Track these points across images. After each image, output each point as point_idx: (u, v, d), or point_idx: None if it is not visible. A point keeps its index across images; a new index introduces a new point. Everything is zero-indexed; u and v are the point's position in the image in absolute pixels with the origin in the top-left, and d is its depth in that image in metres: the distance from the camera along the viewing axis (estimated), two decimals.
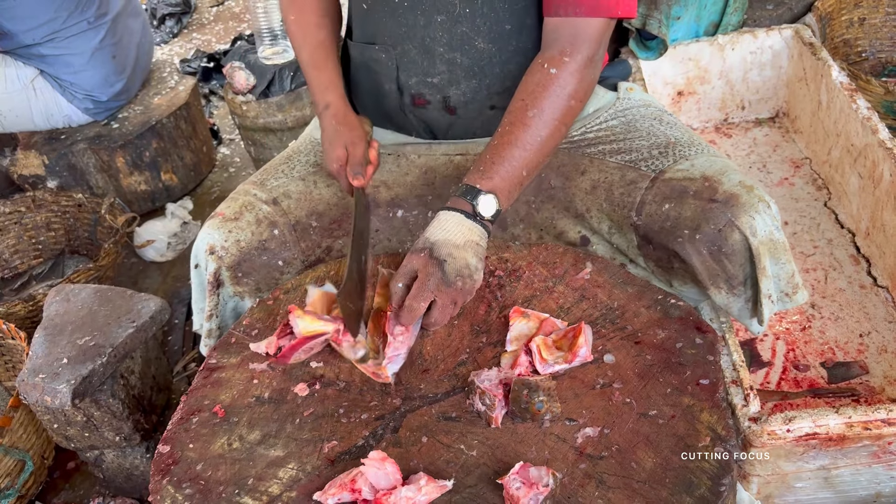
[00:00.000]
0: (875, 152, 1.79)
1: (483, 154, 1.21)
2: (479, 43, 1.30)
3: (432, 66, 1.34)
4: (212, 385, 1.10)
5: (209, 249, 1.31)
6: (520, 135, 1.19)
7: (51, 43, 2.42)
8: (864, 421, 1.19)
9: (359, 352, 1.08)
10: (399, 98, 1.40)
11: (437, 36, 1.31)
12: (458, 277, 1.11)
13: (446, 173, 1.40)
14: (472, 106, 1.37)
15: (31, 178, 2.57)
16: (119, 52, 2.55)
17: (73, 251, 2.52)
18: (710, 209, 1.18)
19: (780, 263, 1.20)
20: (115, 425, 1.59)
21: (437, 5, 1.28)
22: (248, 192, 1.38)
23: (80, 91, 2.51)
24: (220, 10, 4.33)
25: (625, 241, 1.30)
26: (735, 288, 1.21)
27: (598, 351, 1.05)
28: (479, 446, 0.95)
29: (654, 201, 1.24)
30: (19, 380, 1.50)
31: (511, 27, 1.29)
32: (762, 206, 1.17)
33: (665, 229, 1.22)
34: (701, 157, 1.28)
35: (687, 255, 1.20)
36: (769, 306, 1.20)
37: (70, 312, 1.64)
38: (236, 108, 2.50)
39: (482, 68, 1.33)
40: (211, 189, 2.85)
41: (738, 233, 1.16)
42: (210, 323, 1.34)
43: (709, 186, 1.20)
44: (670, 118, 1.40)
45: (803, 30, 2.25)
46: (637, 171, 1.29)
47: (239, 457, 0.98)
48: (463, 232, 1.14)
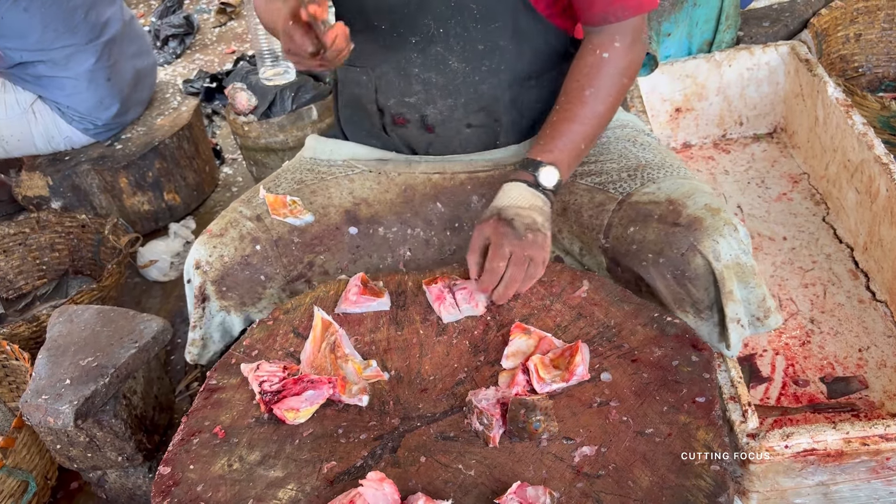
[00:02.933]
0: (871, 168, 1.80)
1: (543, 130, 1.28)
2: (453, 62, 1.34)
3: (409, 87, 1.37)
4: (212, 406, 1.11)
5: (195, 264, 1.35)
6: (577, 111, 1.26)
7: (43, 65, 2.44)
8: (862, 437, 1.19)
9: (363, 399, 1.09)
10: (381, 117, 1.44)
11: (412, 57, 1.34)
12: (527, 231, 1.16)
13: (425, 191, 1.43)
14: (449, 124, 1.40)
15: (36, 199, 2.59)
16: (114, 75, 2.56)
17: (77, 272, 2.54)
18: (672, 233, 1.19)
19: (749, 287, 1.20)
20: (117, 445, 1.60)
21: (412, 27, 1.31)
22: (235, 210, 1.41)
23: (76, 114, 2.54)
24: (222, 31, 4.37)
25: (595, 263, 1.31)
26: (702, 312, 1.21)
27: (594, 369, 1.06)
28: (477, 466, 0.95)
29: (621, 224, 1.26)
30: (22, 401, 1.51)
31: (483, 48, 1.32)
32: (728, 230, 1.17)
33: (630, 252, 1.23)
34: (668, 180, 1.29)
35: (651, 278, 1.20)
36: (738, 331, 1.21)
37: (73, 333, 1.66)
38: (238, 129, 2.52)
39: (457, 87, 1.36)
40: (214, 209, 2.87)
41: (700, 257, 1.16)
42: (194, 333, 1.37)
43: (672, 210, 1.21)
44: (646, 139, 1.42)
45: (799, 46, 2.26)
46: (605, 193, 1.31)
47: (239, 478, 0.99)
48: (527, 198, 1.21)
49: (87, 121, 2.56)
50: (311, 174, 1.48)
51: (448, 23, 1.30)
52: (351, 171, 1.47)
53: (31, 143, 2.57)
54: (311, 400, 1.05)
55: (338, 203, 1.43)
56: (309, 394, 1.05)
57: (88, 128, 2.58)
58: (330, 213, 1.42)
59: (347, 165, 1.48)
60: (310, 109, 2.48)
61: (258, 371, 1.10)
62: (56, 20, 2.39)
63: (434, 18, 1.29)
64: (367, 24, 1.35)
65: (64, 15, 2.40)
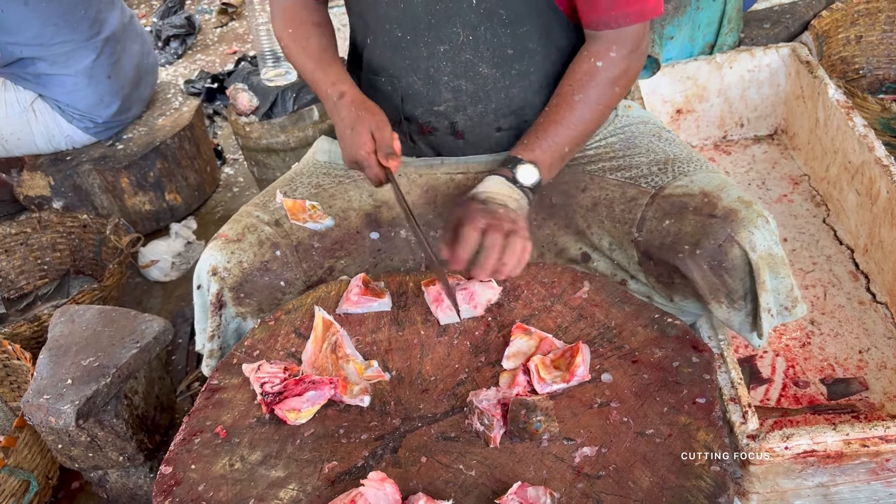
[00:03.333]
0: (872, 169, 1.80)
1: (528, 131, 1.29)
2: (483, 69, 1.33)
3: (437, 95, 1.36)
4: (214, 406, 1.11)
5: (212, 270, 1.32)
6: (565, 114, 1.27)
7: (43, 62, 2.44)
8: (862, 438, 1.20)
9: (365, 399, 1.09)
10: (407, 125, 1.43)
11: (441, 66, 1.33)
12: (500, 207, 1.16)
13: (448, 192, 1.42)
14: (479, 129, 1.40)
15: (37, 198, 2.59)
16: (115, 72, 2.56)
17: (78, 271, 2.54)
18: (709, 224, 1.19)
19: (780, 277, 1.21)
20: (118, 445, 1.60)
21: (440, 36, 1.31)
22: (251, 214, 1.39)
23: (77, 112, 2.53)
24: (223, 32, 4.38)
25: (625, 258, 1.31)
26: (735, 302, 1.22)
27: (595, 370, 1.06)
28: (478, 466, 0.96)
29: (655, 217, 1.26)
30: (24, 401, 1.52)
31: (513, 52, 1.32)
32: (761, 221, 1.18)
33: (665, 245, 1.23)
34: (699, 173, 1.29)
35: (688, 270, 1.21)
36: (769, 320, 1.22)
37: (74, 333, 1.66)
38: (239, 130, 2.53)
39: (487, 93, 1.35)
40: (215, 209, 2.87)
41: (737, 248, 1.18)
42: (212, 343, 1.35)
43: (708, 202, 1.22)
44: (669, 135, 1.42)
45: (800, 48, 2.27)
46: (637, 187, 1.31)
47: (240, 477, 0.99)
48: (503, 190, 1.21)
49: (87, 119, 2.56)
50: (328, 178, 1.47)
51: (477, 30, 1.29)
52: None
53: (32, 142, 2.57)
54: (312, 400, 1.06)
55: (358, 206, 1.42)
56: (310, 394, 1.06)
57: (89, 126, 2.58)
58: (350, 217, 1.41)
59: None
60: (311, 110, 2.48)
61: (259, 372, 1.10)
62: (56, 15, 2.39)
63: (463, 26, 1.29)
64: (390, 35, 1.34)
65: (64, 10, 2.40)
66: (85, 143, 2.64)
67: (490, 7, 1.27)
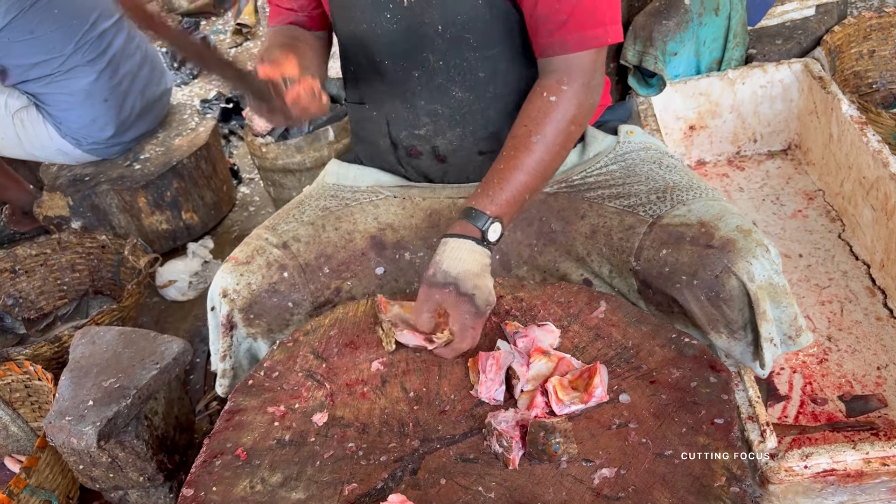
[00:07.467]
0: (887, 185, 1.80)
1: (489, 177, 1.24)
2: (457, 92, 1.35)
3: (417, 119, 1.39)
4: (233, 428, 1.12)
5: (222, 293, 1.36)
6: (524, 159, 1.23)
7: (42, 80, 2.46)
8: (882, 457, 1.19)
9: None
10: (395, 151, 1.46)
11: (417, 90, 1.36)
12: (486, 306, 1.16)
13: (450, 216, 1.44)
14: (460, 153, 1.41)
15: (56, 219, 2.63)
16: (113, 96, 2.55)
17: (97, 291, 2.57)
18: (706, 255, 1.19)
19: (782, 307, 1.21)
20: (139, 466, 1.61)
21: (414, 61, 1.33)
22: (261, 237, 1.42)
23: (68, 129, 2.54)
24: (238, 52, 4.43)
25: (625, 285, 1.32)
26: (735, 332, 1.22)
27: (613, 391, 1.07)
28: (497, 488, 0.96)
29: (652, 247, 1.26)
30: (46, 422, 1.53)
31: (485, 75, 1.33)
32: (760, 251, 1.18)
33: (663, 275, 1.24)
34: (698, 201, 1.29)
35: (685, 300, 1.21)
36: (771, 350, 1.21)
37: (95, 354, 1.68)
38: (256, 150, 2.55)
39: (463, 116, 1.37)
40: (231, 228, 2.90)
41: (734, 279, 1.17)
42: (224, 363, 1.39)
43: (705, 232, 1.22)
44: (671, 161, 1.42)
45: (812, 63, 2.27)
46: (635, 216, 1.31)
47: (261, 499, 1.00)
48: (476, 258, 1.18)
49: (79, 136, 2.56)
50: (335, 200, 1.49)
51: (446, 55, 1.31)
52: (375, 197, 1.48)
53: (20, 146, 2.58)
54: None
55: (363, 229, 1.44)
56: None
57: (81, 143, 2.58)
58: (356, 239, 1.43)
59: (372, 191, 1.49)
60: (326, 131, 2.50)
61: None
62: (61, 43, 2.42)
63: (432, 52, 1.31)
64: (371, 61, 1.37)
65: (69, 36, 2.42)
66: (82, 159, 2.65)
67: (456, 32, 1.28)
